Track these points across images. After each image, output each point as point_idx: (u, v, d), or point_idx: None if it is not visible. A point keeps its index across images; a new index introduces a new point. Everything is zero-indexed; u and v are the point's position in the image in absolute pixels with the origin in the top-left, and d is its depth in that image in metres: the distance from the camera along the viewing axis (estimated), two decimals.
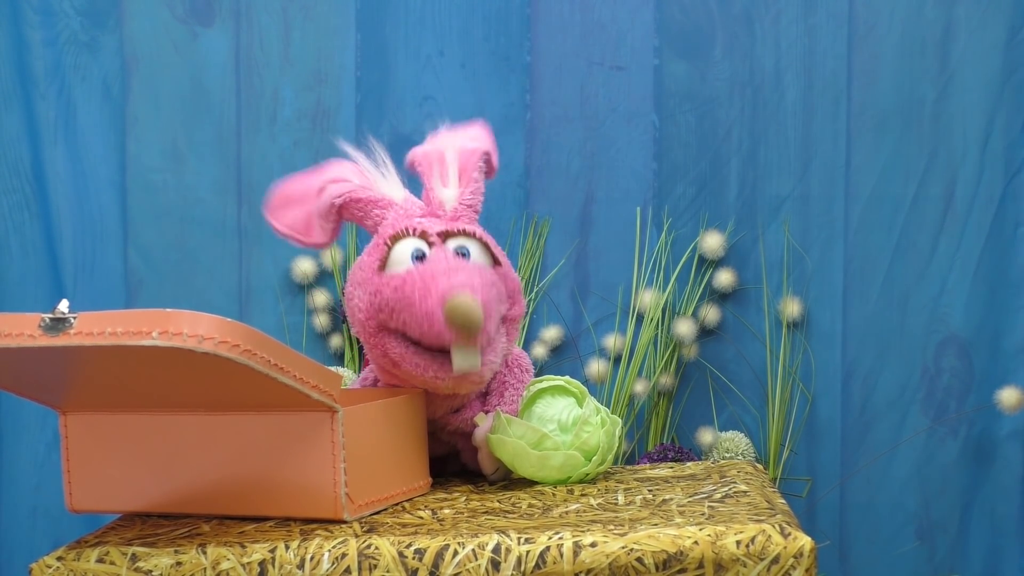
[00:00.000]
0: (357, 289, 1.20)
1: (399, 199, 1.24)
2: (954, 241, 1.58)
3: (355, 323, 1.21)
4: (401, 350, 1.18)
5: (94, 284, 1.63)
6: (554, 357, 1.62)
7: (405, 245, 1.19)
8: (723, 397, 1.61)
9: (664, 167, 1.61)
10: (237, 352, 0.96)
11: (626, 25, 1.61)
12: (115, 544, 1.04)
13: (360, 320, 1.19)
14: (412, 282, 1.16)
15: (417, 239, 1.20)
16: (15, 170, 1.63)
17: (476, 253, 1.21)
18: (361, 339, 1.22)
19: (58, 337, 0.96)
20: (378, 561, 1.00)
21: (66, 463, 1.16)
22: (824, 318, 1.60)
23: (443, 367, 1.17)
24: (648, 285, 1.60)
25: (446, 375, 1.18)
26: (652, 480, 1.23)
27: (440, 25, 1.62)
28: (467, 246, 1.20)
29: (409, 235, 1.20)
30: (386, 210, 1.23)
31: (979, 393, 1.58)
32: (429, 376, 1.18)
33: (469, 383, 1.21)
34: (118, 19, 1.63)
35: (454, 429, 1.26)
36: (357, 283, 1.20)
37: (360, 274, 1.21)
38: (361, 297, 1.19)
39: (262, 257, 1.63)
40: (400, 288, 1.16)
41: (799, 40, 1.59)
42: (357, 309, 1.20)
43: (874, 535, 1.60)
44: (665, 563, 0.98)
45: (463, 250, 1.20)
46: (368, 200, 1.24)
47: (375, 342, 1.19)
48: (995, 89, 1.57)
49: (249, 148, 1.63)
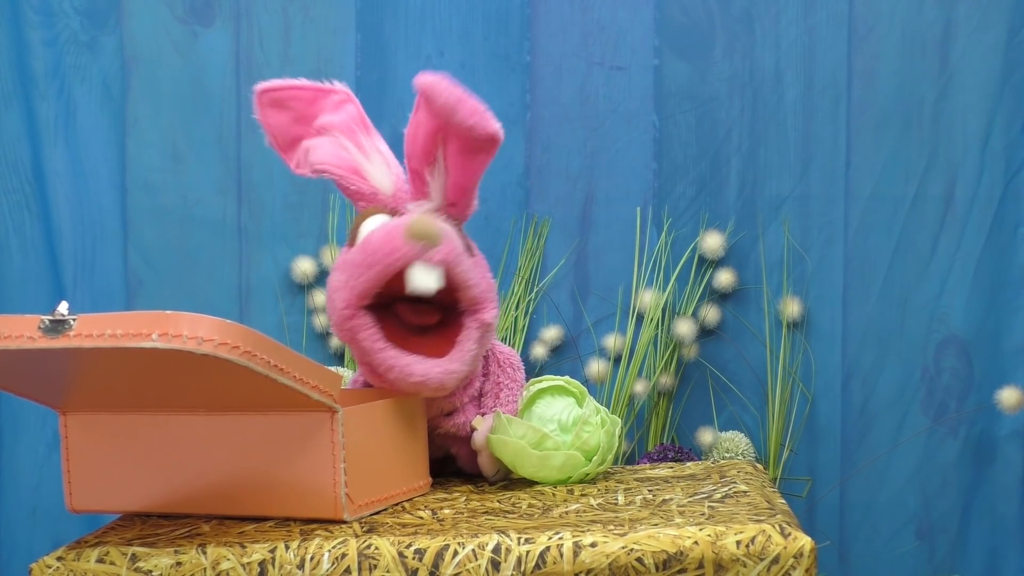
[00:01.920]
0: (333, 274, 1.18)
1: (387, 191, 1.22)
2: (954, 241, 1.58)
3: (333, 312, 1.17)
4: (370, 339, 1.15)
5: (94, 284, 1.63)
6: (554, 357, 1.62)
7: (374, 220, 1.18)
8: (723, 397, 1.61)
9: (664, 167, 1.61)
10: (237, 353, 0.96)
11: (626, 25, 1.61)
12: (115, 544, 1.04)
13: (337, 305, 1.16)
14: (376, 231, 1.14)
15: (388, 215, 1.19)
16: (15, 170, 1.63)
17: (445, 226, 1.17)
18: (339, 334, 1.19)
19: (58, 339, 0.96)
20: (378, 561, 1.00)
21: (66, 463, 1.16)
22: (824, 318, 1.60)
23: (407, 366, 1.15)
24: (648, 285, 1.60)
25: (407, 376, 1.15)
26: (652, 480, 1.23)
27: (440, 25, 1.62)
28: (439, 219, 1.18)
29: (380, 211, 1.20)
30: (372, 203, 1.22)
31: (979, 393, 1.58)
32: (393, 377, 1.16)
33: (431, 392, 1.18)
34: (118, 19, 1.63)
35: (445, 432, 1.25)
36: (333, 270, 1.19)
37: (338, 260, 1.19)
38: (336, 278, 1.17)
39: (262, 257, 1.63)
40: (364, 242, 1.14)
41: (799, 40, 1.59)
42: (334, 291, 1.16)
43: (874, 535, 1.60)
44: (665, 563, 0.98)
45: None
46: (358, 192, 1.22)
47: (348, 327, 1.16)
48: (995, 89, 1.57)
49: (249, 148, 1.63)
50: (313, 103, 1.27)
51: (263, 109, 1.26)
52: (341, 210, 1.63)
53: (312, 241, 1.63)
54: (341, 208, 1.63)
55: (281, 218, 1.63)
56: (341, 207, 1.63)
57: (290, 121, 1.26)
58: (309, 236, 1.63)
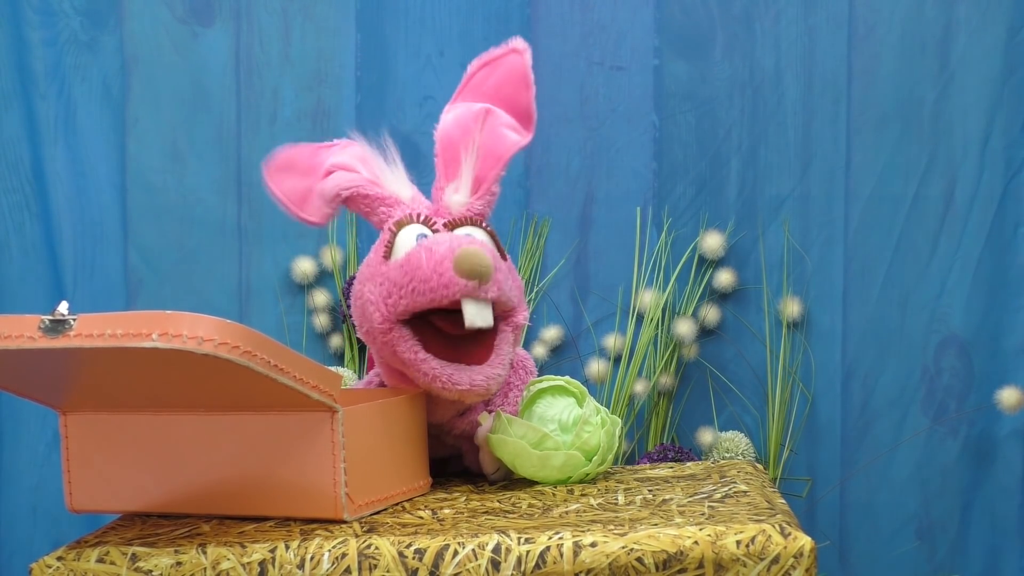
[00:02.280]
0: (366, 285, 1.18)
1: (406, 198, 1.23)
2: (954, 241, 1.58)
3: (366, 322, 1.18)
4: (411, 355, 1.16)
5: (94, 284, 1.63)
6: (554, 357, 1.62)
7: (410, 231, 1.19)
8: (723, 397, 1.61)
9: (664, 167, 1.61)
10: (237, 353, 0.96)
11: (626, 25, 1.61)
12: (115, 544, 1.04)
13: (373, 318, 1.16)
14: (417, 251, 1.14)
15: (421, 225, 1.19)
16: (15, 170, 1.63)
17: (483, 240, 1.19)
18: (370, 341, 1.20)
19: (58, 339, 0.96)
20: (378, 561, 1.00)
21: (66, 463, 1.16)
22: (824, 318, 1.60)
23: (455, 373, 1.16)
24: (648, 285, 1.60)
25: (453, 385, 1.16)
26: (652, 480, 1.23)
27: (440, 25, 1.62)
28: (473, 234, 1.19)
29: (414, 221, 1.20)
30: (393, 208, 1.22)
31: (979, 393, 1.58)
32: (438, 387, 1.16)
33: (474, 399, 1.19)
34: (118, 19, 1.63)
35: (460, 433, 1.25)
36: (365, 279, 1.18)
37: (368, 270, 1.19)
38: (372, 290, 1.17)
39: (262, 257, 1.63)
40: (406, 263, 1.14)
41: (799, 40, 1.59)
42: (369, 304, 1.17)
43: (874, 535, 1.60)
44: (665, 563, 0.98)
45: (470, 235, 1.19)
46: (376, 197, 1.23)
47: (386, 340, 1.17)
48: (995, 89, 1.57)
49: (249, 148, 1.63)
50: (315, 155, 1.27)
51: (271, 178, 1.27)
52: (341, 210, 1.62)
53: (312, 241, 1.63)
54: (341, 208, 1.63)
55: (281, 218, 1.62)
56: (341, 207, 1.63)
57: (298, 178, 1.26)
58: (309, 236, 1.63)
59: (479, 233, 1.20)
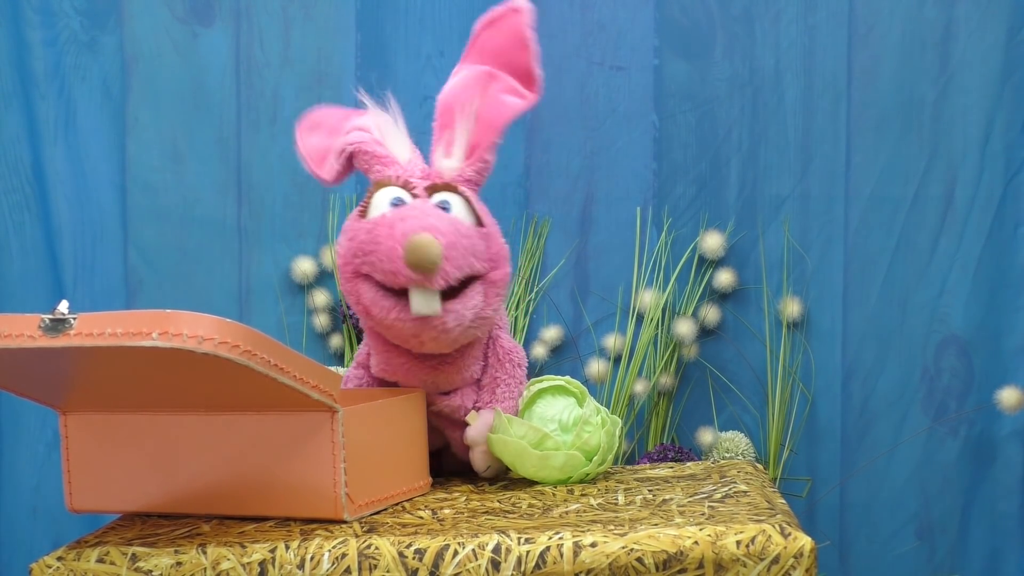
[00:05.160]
0: (342, 236, 1.21)
1: (403, 159, 1.25)
2: (954, 241, 1.58)
3: (338, 271, 1.22)
4: (371, 295, 1.17)
5: (94, 284, 1.63)
6: (554, 357, 1.62)
7: (386, 192, 1.21)
8: (723, 397, 1.61)
9: (664, 167, 1.61)
10: (237, 352, 0.96)
11: (626, 25, 1.61)
12: (115, 544, 1.04)
13: (340, 267, 1.20)
14: (383, 223, 1.16)
15: (400, 188, 1.21)
16: (15, 170, 1.63)
17: (458, 209, 1.20)
18: (341, 288, 1.22)
19: (58, 338, 0.96)
20: (378, 561, 1.00)
21: (66, 463, 1.16)
22: (824, 318, 1.60)
23: (405, 309, 1.17)
24: (648, 285, 1.60)
25: (407, 317, 1.16)
26: (652, 480, 1.23)
27: (440, 25, 1.62)
28: (449, 201, 1.20)
29: (393, 183, 1.21)
30: (387, 167, 1.24)
31: (979, 393, 1.58)
32: (392, 318, 1.17)
33: (431, 337, 1.18)
34: (118, 19, 1.63)
35: (439, 411, 1.25)
36: (344, 229, 1.21)
37: (348, 221, 1.22)
38: (342, 243, 1.20)
39: (262, 257, 1.63)
40: (372, 230, 1.17)
41: (799, 40, 1.59)
42: (338, 255, 1.20)
43: (874, 535, 1.60)
44: (665, 563, 0.98)
45: (444, 204, 1.20)
46: (374, 155, 1.25)
47: (350, 288, 1.19)
48: (995, 89, 1.57)
49: (249, 148, 1.63)
50: (345, 118, 1.30)
51: (301, 135, 1.31)
52: (341, 210, 1.63)
53: (312, 241, 1.63)
54: (341, 208, 1.63)
55: (281, 218, 1.64)
56: (341, 207, 1.63)
57: (323, 136, 1.29)
58: (309, 236, 1.63)
59: (456, 199, 1.20)
